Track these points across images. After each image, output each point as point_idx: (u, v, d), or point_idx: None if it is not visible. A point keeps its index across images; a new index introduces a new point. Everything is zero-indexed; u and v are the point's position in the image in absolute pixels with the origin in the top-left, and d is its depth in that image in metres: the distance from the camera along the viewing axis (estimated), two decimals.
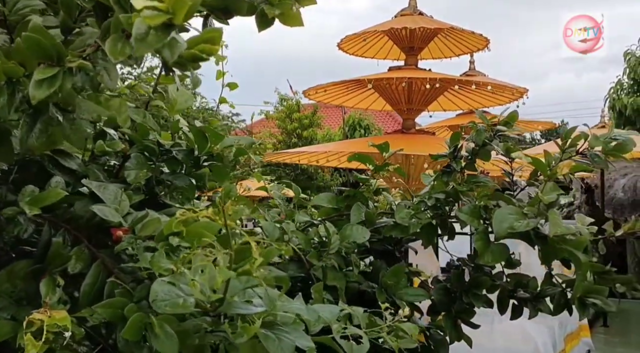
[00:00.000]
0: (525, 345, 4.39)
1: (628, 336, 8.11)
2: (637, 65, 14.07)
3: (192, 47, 0.60)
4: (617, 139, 1.33)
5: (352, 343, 0.95)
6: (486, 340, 4.52)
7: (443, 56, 5.10)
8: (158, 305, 0.68)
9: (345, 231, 1.31)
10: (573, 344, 5.87)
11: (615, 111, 14.52)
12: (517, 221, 1.33)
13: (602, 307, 1.37)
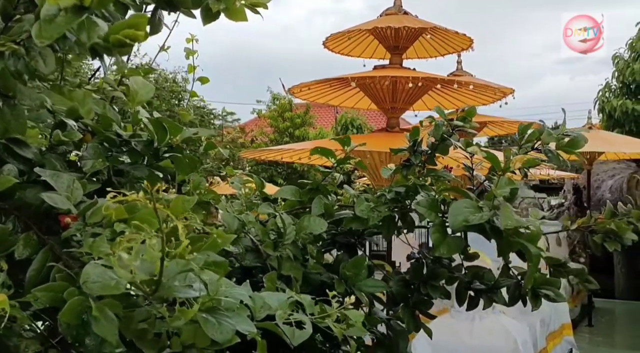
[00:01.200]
0: (506, 343, 4.43)
1: (612, 336, 8.18)
2: (625, 68, 14.16)
3: (117, 32, 0.63)
4: (569, 135, 1.36)
5: (294, 329, 0.97)
6: (467, 338, 4.57)
7: (428, 56, 5.14)
8: (89, 286, 0.70)
9: (303, 222, 1.33)
10: (555, 343, 5.92)
11: (604, 113, 14.62)
12: (472, 214, 1.35)
13: (554, 298, 1.40)
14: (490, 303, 1.44)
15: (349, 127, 19.07)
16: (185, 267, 0.81)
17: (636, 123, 13.76)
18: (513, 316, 4.97)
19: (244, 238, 1.34)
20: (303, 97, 5.06)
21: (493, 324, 4.56)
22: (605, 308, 9.94)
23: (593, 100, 15.11)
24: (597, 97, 14.97)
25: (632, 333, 8.47)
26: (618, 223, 1.44)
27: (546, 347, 5.44)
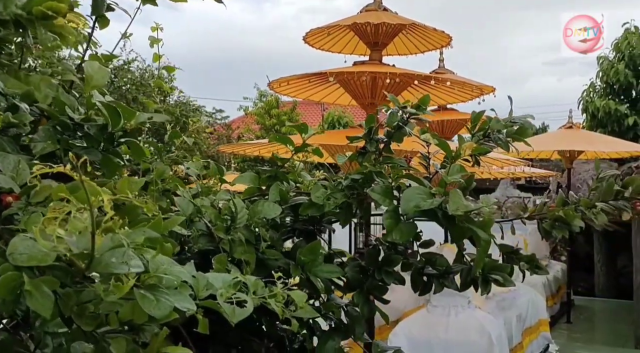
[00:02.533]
0: (480, 337, 4.49)
1: (590, 332, 8.30)
2: (609, 68, 14.33)
3: (40, 4, 0.64)
4: (516, 122, 1.40)
5: (234, 307, 0.99)
6: (442, 332, 4.62)
7: (409, 53, 5.17)
8: (14, 257, 0.72)
9: (257, 207, 1.35)
10: (532, 338, 6.00)
11: (588, 113, 14.78)
12: (424, 200, 1.38)
13: (504, 283, 1.43)
14: (441, 288, 1.47)
15: (335, 124, 19.10)
16: (118, 243, 0.83)
17: (618, 123, 13.94)
18: (489, 311, 5.04)
19: (198, 223, 1.35)
20: (283, 92, 5.07)
21: (468, 319, 4.61)
22: (584, 306, 10.07)
23: (577, 100, 15.29)
24: (582, 97, 15.14)
25: (609, 329, 8.59)
26: (566, 210, 1.47)
27: (522, 342, 5.51)
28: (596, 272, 11.57)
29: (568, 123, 8.97)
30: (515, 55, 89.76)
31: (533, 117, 1.41)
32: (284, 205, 1.46)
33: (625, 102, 14.20)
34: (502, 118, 1.59)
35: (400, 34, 4.88)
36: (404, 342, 4.65)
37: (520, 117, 1.42)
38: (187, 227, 1.33)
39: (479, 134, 1.50)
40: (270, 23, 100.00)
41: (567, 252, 9.58)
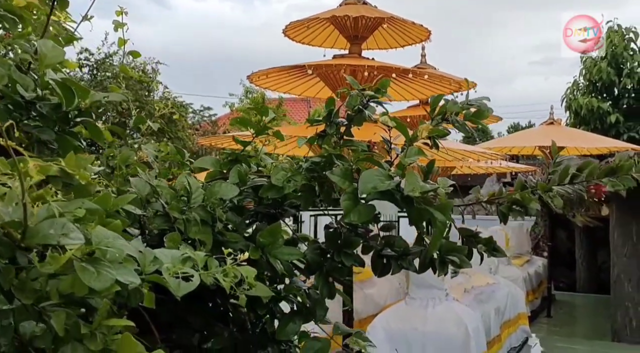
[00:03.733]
0: (457, 329, 4.52)
1: (569, 326, 8.40)
2: (592, 66, 14.49)
3: None
4: (473, 104, 1.41)
5: (179, 281, 0.99)
6: (420, 325, 4.65)
7: (389, 47, 5.19)
8: None
9: (214, 188, 1.35)
10: (510, 331, 6.06)
11: (571, 111, 14.93)
12: (382, 182, 1.39)
13: (461, 264, 1.44)
14: (399, 269, 1.48)
15: None
16: (52, 213, 0.83)
17: (601, 121, 14.11)
18: (467, 304, 5.08)
19: (155, 203, 1.35)
20: (263, 85, 5.07)
21: (445, 311, 4.65)
22: (565, 301, 10.19)
23: (560, 98, 15.44)
24: (565, 94, 15.30)
25: (588, 323, 8.70)
26: (522, 193, 1.49)
27: (500, 335, 5.56)
28: (577, 267, 11.71)
29: (549, 119, 9.06)
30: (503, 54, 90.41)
31: (489, 99, 1.43)
32: (243, 187, 1.46)
33: (608, 100, 14.38)
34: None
35: (380, 28, 4.90)
36: (381, 334, 4.68)
37: (477, 100, 1.43)
38: (143, 207, 1.33)
39: (438, 118, 1.51)
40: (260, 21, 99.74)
41: (548, 247, 9.67)
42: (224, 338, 1.60)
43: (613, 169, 1.45)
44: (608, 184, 1.44)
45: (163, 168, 1.44)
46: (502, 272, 7.08)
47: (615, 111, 13.81)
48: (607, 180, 1.45)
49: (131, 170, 1.47)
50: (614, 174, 1.45)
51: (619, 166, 1.44)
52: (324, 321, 1.59)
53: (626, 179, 1.43)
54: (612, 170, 1.45)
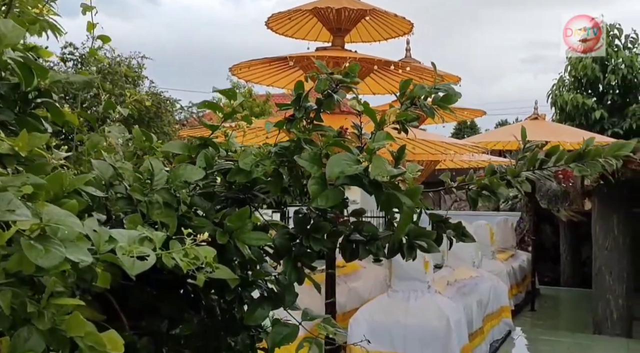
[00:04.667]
0: (438, 322, 4.54)
1: (552, 319, 8.47)
2: (577, 62, 14.58)
3: None
4: (441, 89, 1.40)
5: (134, 260, 0.97)
6: (402, 317, 4.66)
7: (372, 40, 5.18)
8: None
9: (179, 170, 1.34)
10: (493, 324, 6.09)
11: (557, 107, 15.03)
12: (349, 166, 1.38)
13: (429, 248, 1.44)
14: (367, 253, 1.47)
15: None
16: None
17: (586, 117, 14.22)
18: (449, 296, 5.10)
19: (118, 186, 1.33)
20: (246, 78, 5.03)
21: (427, 304, 4.66)
22: (549, 295, 10.28)
23: (546, 94, 15.54)
24: (551, 90, 15.39)
25: (571, 317, 8.79)
26: (491, 178, 1.49)
27: (482, 328, 5.59)
28: (562, 262, 11.80)
29: (534, 114, 9.11)
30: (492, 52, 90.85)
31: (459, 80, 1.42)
32: (210, 171, 1.45)
33: (593, 96, 14.49)
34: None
35: (363, 20, 4.89)
36: (364, 327, 4.68)
37: (444, 84, 1.43)
38: (106, 190, 1.31)
39: (406, 102, 1.50)
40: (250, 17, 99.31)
41: (532, 241, 9.73)
42: (193, 325, 1.59)
43: (580, 154, 1.45)
44: (575, 169, 1.44)
45: (128, 151, 1.42)
46: (487, 266, 7.12)
47: (600, 107, 13.93)
48: (575, 166, 1.45)
49: (96, 155, 1.44)
50: (582, 159, 1.46)
51: (586, 152, 1.44)
52: (292, 307, 1.58)
53: (593, 164, 1.43)
54: (580, 155, 1.45)
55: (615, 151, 1.40)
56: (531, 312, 8.52)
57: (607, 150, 1.42)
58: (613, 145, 1.41)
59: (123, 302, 1.56)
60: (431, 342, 4.49)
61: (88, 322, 0.90)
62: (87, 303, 1.33)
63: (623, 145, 1.40)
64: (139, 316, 1.58)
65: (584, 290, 9.46)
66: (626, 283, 6.81)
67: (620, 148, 1.39)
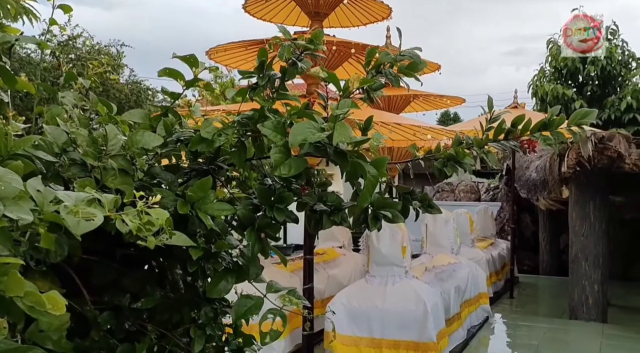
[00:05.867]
0: (416, 306, 4.55)
1: (530, 306, 8.57)
2: (558, 53, 14.69)
3: None
4: (405, 56, 1.38)
5: (79, 220, 0.94)
6: (380, 302, 4.67)
7: (351, 25, 5.15)
8: None
9: (136, 136, 1.30)
10: (471, 310, 6.14)
11: (537, 98, 15.15)
12: (312, 134, 1.36)
13: (393, 219, 1.42)
14: (330, 224, 1.45)
15: None
16: None
17: (566, 107, 14.34)
18: (427, 281, 5.12)
19: (72, 153, 1.29)
20: (223, 62, 4.97)
21: (405, 289, 4.67)
22: (528, 283, 10.40)
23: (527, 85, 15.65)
24: (532, 81, 15.50)
25: (549, 304, 8.90)
26: (457, 148, 1.47)
27: (460, 313, 5.63)
28: (541, 250, 11.94)
29: (513, 103, 9.17)
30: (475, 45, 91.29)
31: (420, 49, 1.40)
32: (170, 138, 1.41)
33: (573, 87, 14.62)
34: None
35: (342, 5, 4.84)
36: (342, 311, 4.68)
37: (409, 51, 1.41)
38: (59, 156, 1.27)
39: (372, 71, 1.48)
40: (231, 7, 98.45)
41: (511, 230, 9.82)
42: (156, 299, 1.56)
43: (545, 123, 1.44)
44: (540, 139, 1.43)
45: (83, 118, 1.38)
46: (467, 253, 7.17)
47: (580, 98, 14.06)
48: (540, 135, 1.44)
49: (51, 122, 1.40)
50: (547, 129, 1.45)
51: (551, 121, 1.43)
52: (257, 279, 1.55)
53: (558, 133, 1.42)
54: (545, 125, 1.45)
55: (579, 119, 1.39)
56: (510, 299, 8.61)
57: (571, 119, 1.41)
58: (576, 114, 1.40)
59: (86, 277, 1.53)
60: (408, 326, 4.51)
61: (28, 282, 0.87)
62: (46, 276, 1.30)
63: (586, 113, 1.39)
64: (104, 292, 1.55)
65: (562, 278, 9.58)
66: (601, 269, 6.91)
67: (583, 116, 1.38)
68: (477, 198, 15.15)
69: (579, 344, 6.23)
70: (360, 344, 4.62)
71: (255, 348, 1.82)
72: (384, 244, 4.73)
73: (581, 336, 6.50)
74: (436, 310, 4.68)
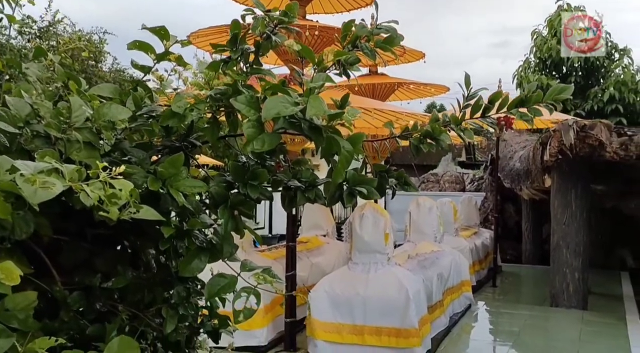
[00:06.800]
0: (398, 293, 4.56)
1: (512, 294, 8.66)
2: (542, 44, 14.75)
3: None
4: (382, 29, 1.35)
5: (35, 188, 0.90)
6: (362, 289, 4.67)
7: (334, 11, 5.11)
8: None
9: (102, 109, 1.26)
10: (453, 297, 6.17)
11: (522, 88, 15.22)
12: (286, 108, 1.33)
13: (369, 195, 1.40)
14: (305, 200, 1.43)
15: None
16: None
17: None
18: (410, 269, 5.13)
19: (36, 125, 1.25)
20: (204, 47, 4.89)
21: (387, 275, 4.68)
22: (511, 272, 10.50)
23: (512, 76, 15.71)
24: (517, 72, 15.56)
25: (531, 292, 8.99)
26: (433, 125, 1.45)
27: (442, 300, 5.66)
28: (524, 240, 12.05)
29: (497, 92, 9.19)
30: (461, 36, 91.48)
31: (397, 22, 1.37)
32: (140, 112, 1.37)
33: (557, 78, 14.70)
34: None
35: None
36: (324, 298, 4.68)
37: (386, 25, 1.38)
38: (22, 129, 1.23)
39: (348, 45, 1.45)
40: None
41: (495, 219, 9.89)
42: (127, 278, 1.53)
43: (522, 99, 1.43)
44: (516, 115, 1.42)
45: (49, 90, 1.33)
46: (450, 242, 7.20)
47: None
48: (516, 112, 1.42)
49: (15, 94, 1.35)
50: (524, 105, 1.43)
51: (528, 97, 1.42)
52: (231, 258, 1.53)
53: (535, 110, 1.41)
54: (522, 101, 1.43)
55: (555, 95, 1.38)
56: (492, 288, 8.68)
57: (548, 95, 1.39)
58: (553, 89, 1.39)
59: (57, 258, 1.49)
60: (390, 312, 4.51)
61: None
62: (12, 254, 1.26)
63: (563, 89, 1.38)
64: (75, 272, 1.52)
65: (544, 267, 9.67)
66: (582, 257, 6.98)
67: (560, 91, 1.37)
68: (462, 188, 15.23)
69: (559, 330, 6.31)
70: (343, 331, 4.62)
71: (231, 330, 1.80)
72: (366, 231, 4.73)
73: (561, 323, 6.57)
74: (418, 297, 4.69)
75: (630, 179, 7.43)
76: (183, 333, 1.60)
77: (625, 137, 6.27)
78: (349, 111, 1.41)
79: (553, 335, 6.17)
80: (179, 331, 1.55)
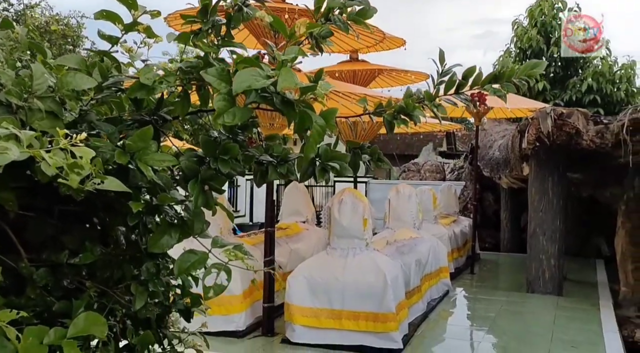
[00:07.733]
0: (375, 278, 4.58)
1: (489, 281, 8.77)
2: (523, 34, 14.84)
3: None
4: (355, 1, 1.34)
5: None
6: (340, 274, 4.68)
7: None
8: None
9: (66, 78, 1.22)
10: (431, 283, 6.22)
11: None
12: (257, 81, 1.31)
13: (341, 171, 1.39)
14: (276, 175, 1.41)
15: None
16: None
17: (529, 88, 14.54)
18: (388, 254, 5.15)
19: None
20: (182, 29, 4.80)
21: (365, 261, 4.69)
22: (489, 259, 10.63)
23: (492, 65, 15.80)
24: (498, 61, 15.65)
25: (508, 279, 9.12)
26: (407, 100, 1.44)
27: (420, 286, 5.70)
28: (502, 228, 12.19)
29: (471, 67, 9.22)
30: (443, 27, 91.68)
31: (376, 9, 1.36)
32: (106, 83, 1.34)
33: None
34: None
35: None
36: (303, 283, 4.68)
37: None
38: None
39: (321, 18, 1.43)
40: None
41: (474, 207, 9.98)
42: (95, 254, 1.50)
43: (496, 75, 1.42)
44: (490, 91, 1.41)
45: (11, 59, 1.29)
46: (429, 229, 7.25)
47: (543, 79, 14.26)
48: (490, 87, 1.42)
49: None
50: (497, 81, 1.43)
51: (501, 72, 1.41)
52: (202, 235, 1.51)
53: (507, 85, 1.40)
54: (495, 77, 1.42)
55: (528, 70, 1.38)
56: (470, 275, 8.78)
57: (521, 70, 1.39)
58: (526, 65, 1.39)
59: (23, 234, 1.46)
60: (368, 297, 4.54)
61: None
62: None
63: (536, 64, 1.38)
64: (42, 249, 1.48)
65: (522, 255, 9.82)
66: (558, 244, 7.08)
67: (533, 67, 1.37)
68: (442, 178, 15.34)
69: (534, 316, 6.41)
70: (321, 316, 4.63)
71: (203, 308, 1.78)
72: (345, 216, 4.73)
73: (537, 308, 6.67)
74: (396, 282, 4.71)
75: (606, 168, 7.54)
76: (153, 311, 1.58)
77: (602, 125, 6.35)
78: (321, 85, 1.39)
79: (528, 320, 6.27)
80: (149, 308, 1.53)
